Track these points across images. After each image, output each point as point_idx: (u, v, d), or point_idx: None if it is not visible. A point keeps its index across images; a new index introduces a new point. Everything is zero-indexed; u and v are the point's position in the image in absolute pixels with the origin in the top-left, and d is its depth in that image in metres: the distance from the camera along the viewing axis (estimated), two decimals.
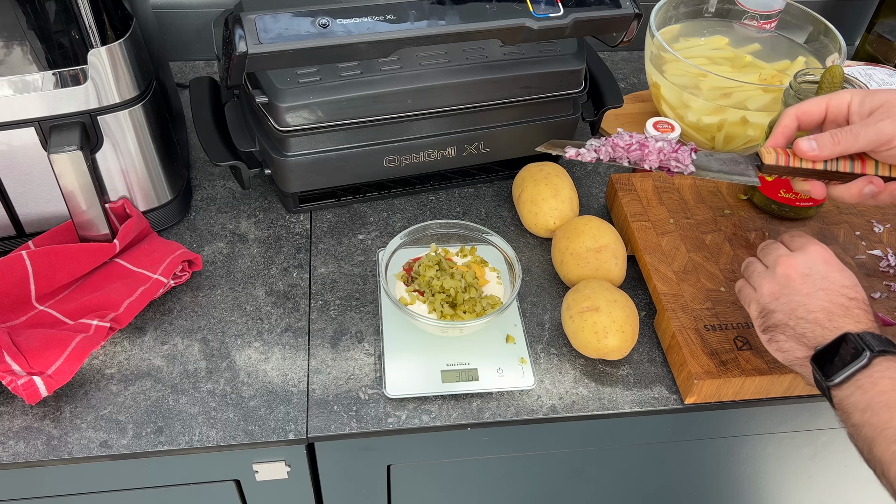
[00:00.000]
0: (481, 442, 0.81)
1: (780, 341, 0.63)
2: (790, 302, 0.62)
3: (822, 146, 0.63)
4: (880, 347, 0.57)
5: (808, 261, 0.64)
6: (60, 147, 0.74)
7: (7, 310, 0.77)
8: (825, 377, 0.58)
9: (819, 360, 0.59)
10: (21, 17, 0.68)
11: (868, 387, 0.56)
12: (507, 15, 0.74)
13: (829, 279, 0.62)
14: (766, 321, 0.64)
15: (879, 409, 0.54)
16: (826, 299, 0.61)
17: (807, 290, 0.62)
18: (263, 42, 0.68)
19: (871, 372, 0.56)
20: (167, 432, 0.71)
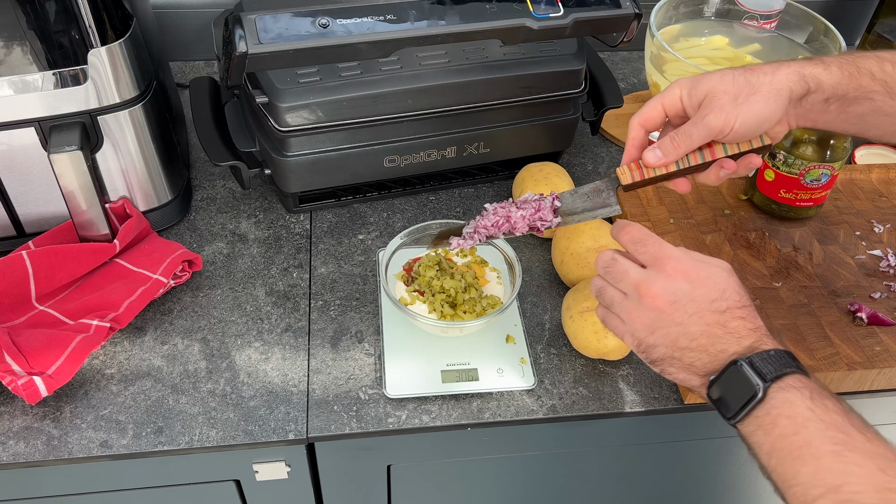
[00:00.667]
0: (481, 442, 0.81)
1: (672, 373, 0.58)
2: (668, 334, 0.57)
3: (665, 153, 0.64)
4: (773, 374, 0.52)
5: (668, 283, 0.57)
6: (60, 147, 0.74)
7: (7, 310, 0.77)
8: (725, 417, 0.54)
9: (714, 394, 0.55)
10: (21, 17, 0.68)
11: (769, 427, 0.51)
12: (507, 15, 0.74)
13: (697, 298, 0.56)
14: (650, 355, 0.59)
15: (783, 457, 0.50)
16: (701, 322, 0.56)
17: (680, 319, 0.56)
18: (263, 42, 0.68)
19: (769, 409, 0.51)
20: (167, 432, 0.71)
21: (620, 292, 0.60)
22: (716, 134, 0.62)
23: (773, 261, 0.84)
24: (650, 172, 0.65)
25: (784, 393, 0.51)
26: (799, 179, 0.85)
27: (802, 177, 0.84)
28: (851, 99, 0.62)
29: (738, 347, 0.55)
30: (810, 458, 0.48)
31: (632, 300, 0.59)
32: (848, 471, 0.47)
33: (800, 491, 0.48)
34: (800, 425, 0.50)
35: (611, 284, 0.61)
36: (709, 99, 0.62)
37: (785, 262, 0.84)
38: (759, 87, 0.61)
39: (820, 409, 0.50)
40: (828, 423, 0.49)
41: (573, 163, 1.03)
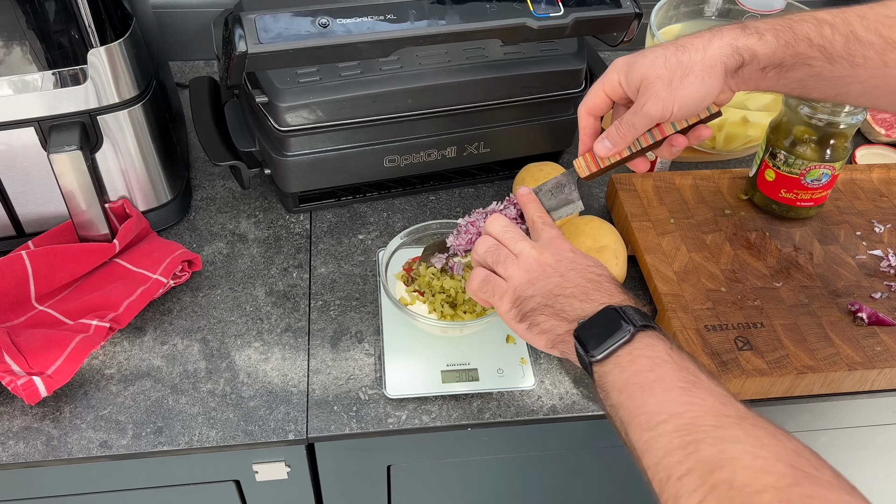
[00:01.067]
0: (481, 442, 0.81)
1: (541, 322, 0.60)
2: (546, 284, 0.60)
3: (614, 143, 0.65)
4: (642, 322, 0.55)
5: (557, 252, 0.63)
6: (60, 147, 0.74)
7: (7, 310, 0.77)
8: (587, 352, 0.56)
9: (583, 332, 0.57)
10: (21, 17, 0.68)
11: (626, 365, 0.54)
12: (508, 15, 0.74)
13: (577, 262, 0.62)
14: (524, 307, 0.61)
15: (634, 390, 0.52)
16: (578, 277, 0.60)
17: (560, 272, 0.61)
18: (263, 42, 0.68)
19: (632, 348, 0.54)
20: (167, 432, 0.71)
21: (513, 254, 0.63)
22: (657, 120, 0.62)
23: (774, 261, 0.84)
24: (605, 161, 0.66)
25: (648, 338, 0.55)
26: (799, 179, 0.85)
27: (803, 177, 0.84)
28: (789, 66, 0.61)
29: (612, 300, 0.58)
30: (660, 390, 0.51)
31: (521, 260, 0.62)
32: (692, 402, 0.50)
33: (644, 419, 0.50)
34: (656, 364, 0.53)
35: (504, 244, 0.64)
36: (644, 86, 0.61)
37: (785, 262, 0.84)
38: (692, 68, 0.60)
39: (676, 355, 0.53)
40: (681, 366, 0.52)
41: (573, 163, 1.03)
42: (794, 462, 0.44)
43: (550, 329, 0.60)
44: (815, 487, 0.42)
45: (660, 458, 0.48)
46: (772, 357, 0.74)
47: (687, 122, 0.64)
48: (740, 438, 0.46)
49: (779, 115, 0.85)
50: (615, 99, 0.65)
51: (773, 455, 0.44)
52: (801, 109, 0.81)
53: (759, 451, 0.45)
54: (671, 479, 0.46)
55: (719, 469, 0.44)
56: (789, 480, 0.42)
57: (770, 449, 0.45)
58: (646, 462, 0.49)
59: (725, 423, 0.48)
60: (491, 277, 0.64)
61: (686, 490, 0.45)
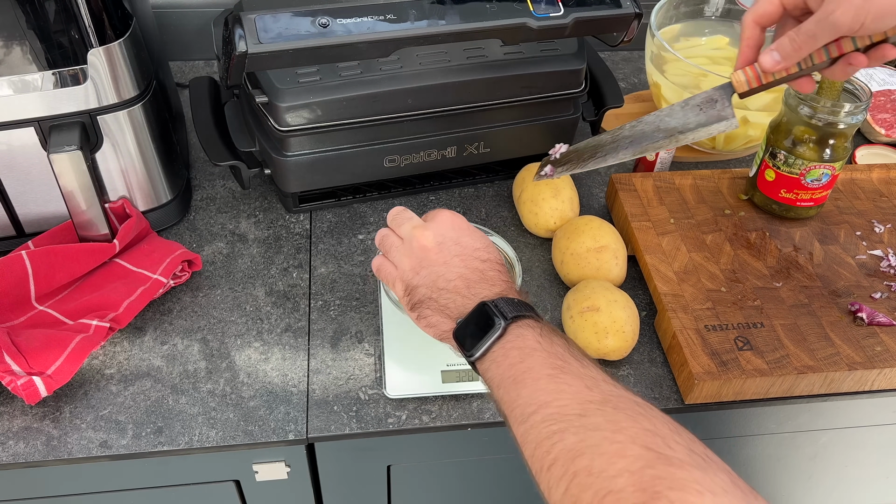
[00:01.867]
0: (481, 442, 0.81)
1: (427, 316, 0.60)
2: (430, 274, 0.60)
3: (785, 56, 0.59)
4: (513, 314, 0.55)
5: (438, 228, 0.62)
6: (60, 147, 0.74)
7: (7, 310, 0.77)
8: (466, 353, 0.56)
9: (460, 333, 0.57)
10: (21, 17, 0.68)
11: (500, 360, 0.54)
12: (508, 14, 0.74)
13: (462, 244, 0.61)
14: (412, 298, 0.61)
15: (509, 384, 0.53)
16: (462, 265, 0.60)
17: (443, 259, 0.60)
18: (263, 42, 0.68)
19: (504, 343, 0.55)
20: (167, 432, 0.71)
21: (399, 239, 0.64)
22: (844, 31, 0.56)
23: (774, 261, 0.84)
24: (768, 77, 0.61)
25: (519, 329, 0.55)
26: (799, 179, 0.85)
27: (803, 177, 0.84)
28: None
29: (489, 293, 0.58)
30: (530, 381, 0.52)
31: (405, 245, 0.63)
32: (559, 389, 0.50)
33: (518, 412, 0.51)
34: (526, 354, 0.53)
35: (393, 231, 0.65)
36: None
37: (785, 262, 0.84)
38: None
39: (546, 342, 0.54)
40: (550, 352, 0.53)
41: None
42: (649, 443, 0.44)
43: (436, 324, 0.60)
44: (667, 467, 0.43)
45: (532, 450, 0.49)
46: (772, 357, 0.74)
47: (870, 38, 0.56)
48: (600, 425, 0.47)
49: (779, 115, 0.85)
50: (790, 7, 0.59)
51: (628, 438, 0.45)
52: (801, 109, 0.81)
53: (616, 436, 0.45)
54: (542, 471, 0.48)
55: (580, 457, 0.46)
56: (642, 463, 0.43)
57: (626, 432, 0.46)
58: (525, 453, 0.50)
59: (588, 409, 0.48)
60: (384, 264, 0.65)
61: (554, 480, 0.46)
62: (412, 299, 0.62)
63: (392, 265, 0.64)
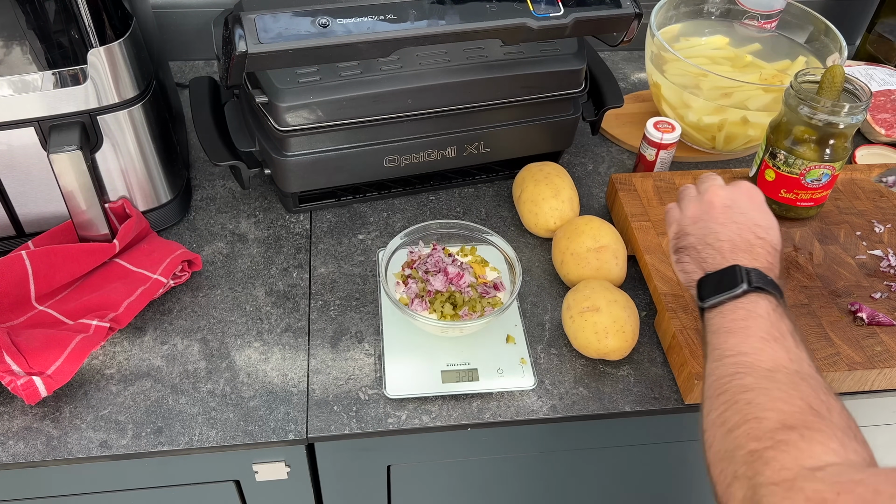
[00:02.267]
0: (481, 442, 0.81)
1: (685, 262, 0.66)
2: (704, 228, 0.66)
3: None
4: (758, 284, 0.59)
5: (734, 194, 0.67)
6: (60, 147, 0.74)
7: (7, 310, 0.77)
8: (700, 298, 0.62)
9: (704, 281, 0.62)
10: (21, 17, 0.68)
11: (727, 313, 0.59)
12: (508, 15, 0.74)
13: (747, 215, 0.65)
14: (679, 242, 0.67)
15: (722, 333, 0.58)
16: (736, 232, 0.64)
17: (723, 220, 0.65)
18: (263, 42, 0.68)
19: (737, 302, 0.59)
20: (167, 432, 0.71)
21: (697, 192, 0.70)
22: None
23: None
24: None
25: (756, 297, 0.59)
26: (799, 179, 0.85)
27: (803, 177, 0.84)
28: None
29: (748, 263, 0.62)
30: (742, 335, 0.57)
31: (698, 196, 0.69)
32: (762, 349, 0.55)
33: (718, 353, 0.57)
34: (751, 317, 0.58)
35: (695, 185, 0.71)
36: None
37: (785, 262, 0.84)
38: None
39: (776, 316, 0.58)
40: (773, 324, 0.57)
41: (573, 163, 1.03)
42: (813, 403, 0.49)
43: (690, 272, 0.65)
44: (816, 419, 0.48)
45: (712, 381, 0.55)
46: None
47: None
48: (780, 380, 0.52)
49: (779, 115, 0.85)
50: None
51: (798, 394, 0.50)
52: (800, 109, 0.81)
53: (788, 390, 0.51)
54: (711, 397, 0.54)
55: (747, 391, 0.51)
56: (796, 409, 0.49)
57: (799, 390, 0.50)
58: (705, 383, 0.56)
59: (778, 369, 0.53)
60: (674, 208, 0.72)
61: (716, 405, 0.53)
62: (679, 243, 0.68)
63: (678, 210, 0.70)
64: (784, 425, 0.48)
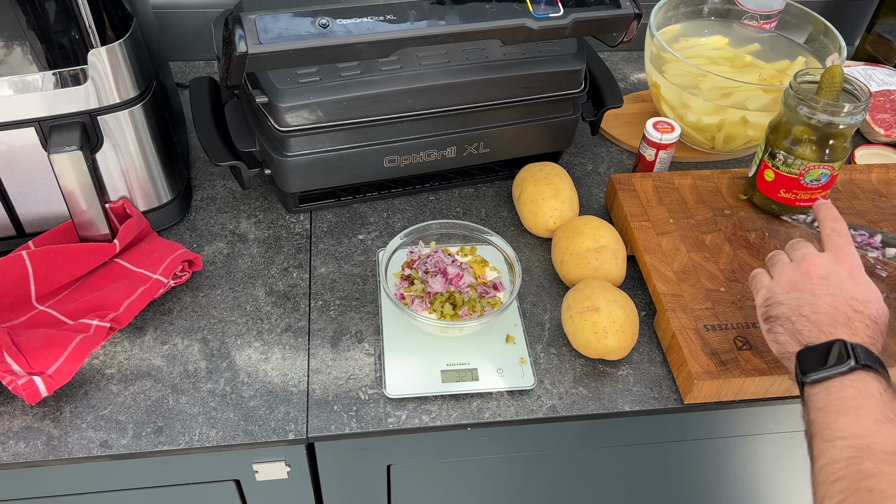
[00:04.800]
0: (481, 442, 0.81)
1: (778, 333, 0.64)
2: (798, 298, 0.63)
3: None
4: (866, 361, 0.57)
5: (833, 265, 0.64)
6: (60, 147, 0.74)
7: (7, 310, 0.77)
8: (803, 372, 0.59)
9: (806, 354, 0.60)
10: (21, 17, 0.68)
11: (834, 390, 0.56)
12: (507, 15, 0.74)
13: (844, 287, 0.63)
14: (770, 311, 0.65)
15: (830, 411, 0.55)
16: (831, 304, 0.62)
17: (818, 292, 0.63)
18: (263, 42, 0.68)
19: (845, 379, 0.57)
20: (167, 432, 0.71)
21: (789, 259, 0.68)
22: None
23: None
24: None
25: (866, 375, 0.56)
26: (799, 179, 0.85)
27: (802, 177, 0.84)
28: None
29: (849, 338, 0.59)
30: (854, 416, 0.54)
31: (793, 263, 0.66)
32: (878, 431, 0.52)
33: (829, 433, 0.54)
34: (862, 397, 0.55)
35: (786, 252, 0.69)
36: None
37: None
38: None
39: (888, 397, 0.55)
40: (888, 405, 0.54)
41: (573, 163, 1.03)
42: None
43: (783, 343, 0.63)
44: None
45: (824, 464, 0.53)
46: (771, 357, 0.74)
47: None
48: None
49: (778, 116, 0.85)
50: None
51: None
52: (800, 110, 0.81)
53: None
54: (826, 483, 0.51)
55: (867, 479, 0.49)
56: None
57: None
58: (815, 466, 0.54)
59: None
60: (762, 273, 0.69)
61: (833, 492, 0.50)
62: (769, 312, 0.65)
63: (768, 276, 0.68)
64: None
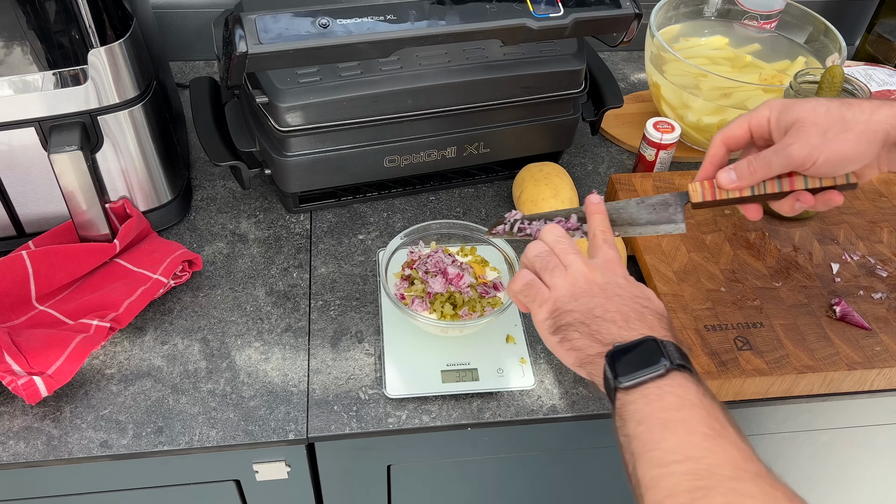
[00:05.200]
0: (481, 442, 0.81)
1: (574, 339, 0.59)
2: (589, 303, 0.59)
3: (740, 176, 0.62)
4: (679, 361, 0.54)
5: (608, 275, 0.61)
6: (60, 147, 0.74)
7: (7, 310, 0.77)
8: (615, 377, 0.55)
9: (617, 356, 0.56)
10: (21, 17, 0.68)
11: (654, 399, 0.52)
12: (507, 15, 0.74)
13: (625, 290, 0.60)
14: (560, 320, 0.60)
15: (655, 425, 0.51)
16: (622, 303, 0.59)
17: (605, 296, 0.59)
18: (263, 42, 0.68)
19: (662, 384, 0.53)
20: (167, 432, 0.71)
21: (562, 264, 0.62)
22: (797, 165, 0.59)
23: (773, 261, 0.84)
24: (722, 194, 0.63)
25: (682, 378, 0.53)
26: None
27: None
28: None
29: (652, 333, 0.56)
30: (683, 431, 0.50)
31: (570, 272, 0.61)
32: (713, 449, 0.48)
33: (658, 455, 0.49)
34: (685, 405, 0.51)
35: (556, 254, 0.62)
36: (797, 128, 0.59)
37: (785, 263, 0.84)
38: (853, 125, 0.57)
39: (708, 402, 0.52)
40: (710, 413, 0.51)
41: (573, 163, 1.03)
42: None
43: (581, 348, 0.58)
44: None
45: (663, 497, 0.47)
46: (771, 357, 0.74)
47: (821, 182, 0.61)
48: (754, 494, 0.45)
49: None
50: (756, 136, 0.63)
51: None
52: None
53: None
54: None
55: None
56: None
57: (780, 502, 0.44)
58: (648, 498, 0.48)
59: (742, 476, 0.46)
60: (535, 282, 0.62)
61: None
62: (558, 322, 0.60)
63: (545, 286, 0.62)
64: None
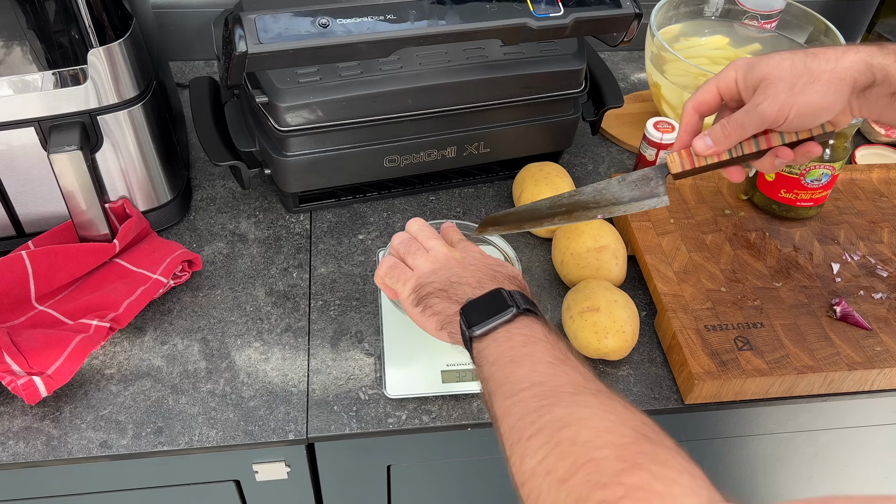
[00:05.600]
0: (481, 442, 0.81)
1: (434, 304, 0.62)
2: (447, 275, 0.63)
3: (716, 141, 0.62)
4: (525, 306, 0.57)
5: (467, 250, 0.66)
6: (60, 147, 0.74)
7: (7, 310, 0.77)
8: (468, 327, 0.57)
9: (468, 308, 0.59)
10: (21, 17, 0.68)
11: (503, 341, 0.55)
12: (508, 15, 0.74)
13: (482, 261, 0.65)
14: (421, 292, 0.63)
15: (505, 363, 0.54)
16: (476, 270, 0.63)
17: (462, 267, 0.64)
18: (263, 42, 0.68)
19: (511, 327, 0.56)
20: (167, 432, 0.71)
21: (424, 249, 0.66)
22: (769, 123, 0.59)
23: (774, 261, 0.84)
24: (701, 161, 0.63)
25: (528, 320, 0.57)
26: (799, 179, 0.85)
27: (803, 177, 0.84)
28: None
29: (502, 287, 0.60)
30: (529, 363, 0.53)
31: (431, 254, 0.65)
32: (556, 374, 0.51)
33: (508, 387, 0.52)
34: (530, 341, 0.55)
35: (418, 240, 0.67)
36: (764, 85, 0.58)
37: (785, 262, 0.84)
38: (820, 76, 0.57)
39: (553, 338, 0.55)
40: (554, 346, 0.54)
41: (573, 163, 1.03)
42: (640, 429, 0.45)
43: (441, 311, 0.61)
44: (653, 447, 0.43)
45: (515, 422, 0.49)
46: (772, 357, 0.74)
47: (797, 135, 0.61)
48: (592, 404, 0.48)
49: None
50: (727, 98, 0.63)
51: (620, 420, 0.46)
52: None
53: (608, 416, 0.46)
54: (521, 441, 0.47)
55: (566, 427, 0.46)
56: (630, 440, 0.44)
57: (619, 415, 0.46)
58: (503, 427, 0.50)
59: (582, 391, 0.49)
60: (399, 265, 0.67)
61: (532, 448, 0.46)
62: (420, 293, 0.63)
63: (408, 267, 0.66)
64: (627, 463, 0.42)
